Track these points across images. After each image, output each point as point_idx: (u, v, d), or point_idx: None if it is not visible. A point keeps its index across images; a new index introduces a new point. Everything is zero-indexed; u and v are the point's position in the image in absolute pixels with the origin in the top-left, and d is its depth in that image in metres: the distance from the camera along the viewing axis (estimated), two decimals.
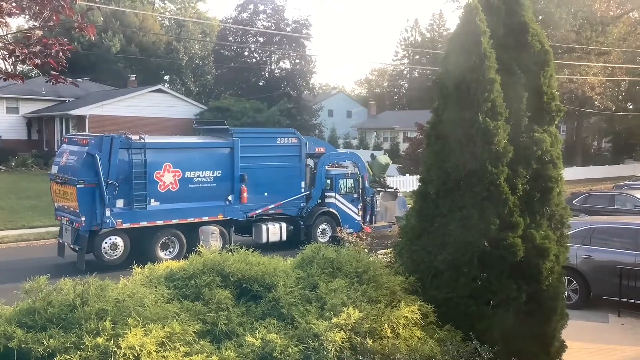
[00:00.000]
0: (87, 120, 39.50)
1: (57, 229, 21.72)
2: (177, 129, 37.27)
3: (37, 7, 5.99)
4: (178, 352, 5.25)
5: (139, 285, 6.28)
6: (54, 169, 17.57)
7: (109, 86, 51.84)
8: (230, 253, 7.03)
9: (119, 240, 16.71)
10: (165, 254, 17.22)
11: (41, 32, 5.90)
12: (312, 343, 5.74)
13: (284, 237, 19.43)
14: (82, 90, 45.02)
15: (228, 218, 18.49)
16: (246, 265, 6.66)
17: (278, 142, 19.84)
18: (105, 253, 16.55)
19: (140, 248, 17.04)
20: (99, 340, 5.06)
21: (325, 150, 21.32)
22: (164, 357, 5.15)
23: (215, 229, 17.75)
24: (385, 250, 10.97)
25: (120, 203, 16.55)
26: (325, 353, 5.65)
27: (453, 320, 6.91)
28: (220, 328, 5.86)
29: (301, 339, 5.80)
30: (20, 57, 5.76)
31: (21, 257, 18.03)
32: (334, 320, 6.02)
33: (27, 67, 41.00)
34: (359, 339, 5.96)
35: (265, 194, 19.33)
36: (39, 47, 5.80)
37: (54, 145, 43.45)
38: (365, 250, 9.13)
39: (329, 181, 20.80)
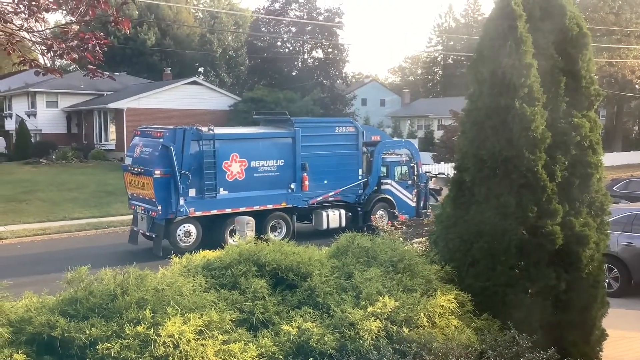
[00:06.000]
0: (124, 114, 40.07)
1: (97, 220, 22.38)
2: (212, 120, 37.46)
3: (74, 2, 6.08)
4: (216, 340, 5.32)
5: (177, 274, 6.37)
6: (128, 161, 18.37)
7: (145, 79, 52.48)
8: (265, 243, 7.09)
9: (192, 228, 17.43)
10: (234, 241, 17.50)
11: (78, 27, 5.98)
12: (348, 332, 5.76)
13: (344, 224, 19.65)
14: (119, 83, 45.68)
15: (291, 205, 18.94)
16: (281, 254, 6.70)
17: (336, 131, 20.24)
18: (180, 240, 17.24)
19: (211, 235, 17.66)
20: (140, 328, 5.16)
21: (380, 138, 21.71)
22: (202, 345, 5.23)
23: (250, 220, 17.95)
24: (420, 239, 10.90)
25: (192, 192, 17.22)
26: (361, 342, 5.66)
27: (490, 309, 6.85)
28: (257, 317, 5.92)
29: (337, 328, 5.82)
30: (58, 52, 5.86)
31: (62, 248, 18.48)
32: (370, 309, 6.02)
33: (65, 62, 41.74)
34: (395, 328, 5.95)
35: (325, 181, 19.69)
36: (76, 42, 5.88)
37: (93, 138, 44.25)
38: (400, 239, 9.08)
39: (384, 168, 21.16)
